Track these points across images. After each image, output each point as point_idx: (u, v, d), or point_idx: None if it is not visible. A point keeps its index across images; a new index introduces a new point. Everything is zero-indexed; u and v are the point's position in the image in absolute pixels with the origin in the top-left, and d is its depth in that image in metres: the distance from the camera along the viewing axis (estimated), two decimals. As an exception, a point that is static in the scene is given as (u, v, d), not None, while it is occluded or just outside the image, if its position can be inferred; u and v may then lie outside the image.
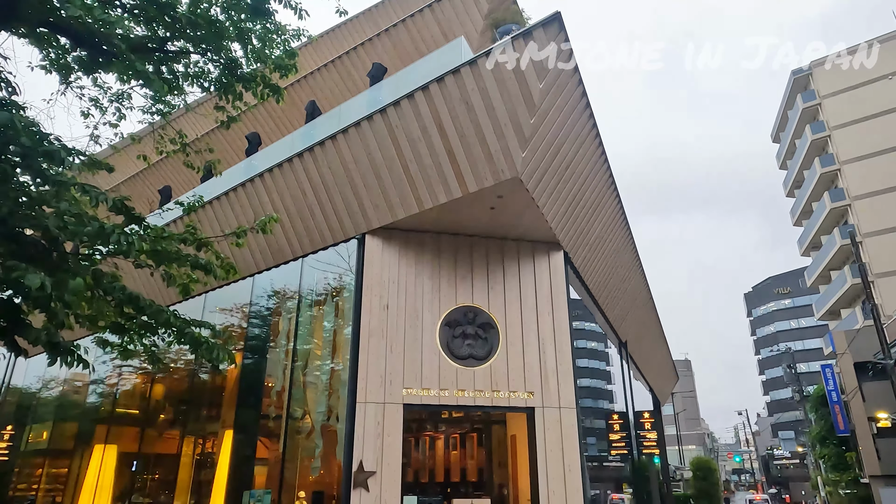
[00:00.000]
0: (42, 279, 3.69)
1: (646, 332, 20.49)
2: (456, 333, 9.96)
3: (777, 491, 62.24)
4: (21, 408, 19.73)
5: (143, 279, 13.15)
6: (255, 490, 10.59)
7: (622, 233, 13.70)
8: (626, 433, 16.59)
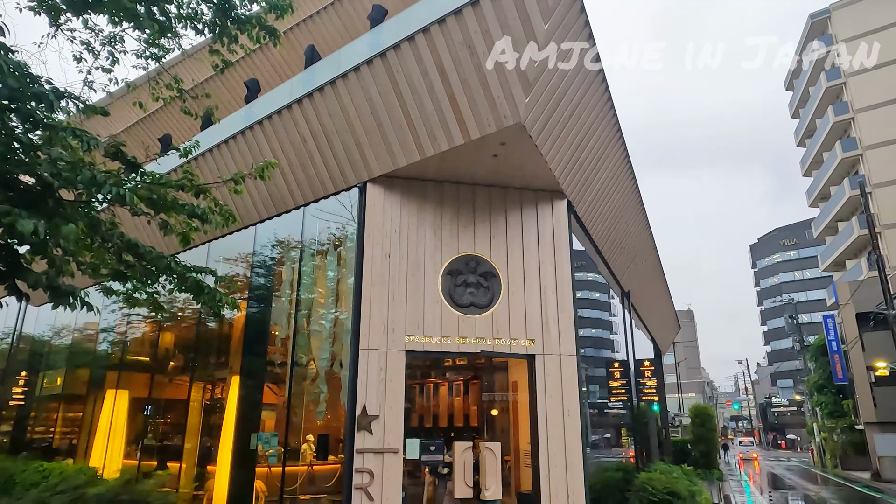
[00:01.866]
0: (35, 225, 3.67)
1: (649, 283, 20.54)
2: (458, 282, 10.00)
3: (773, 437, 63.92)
4: (34, 354, 20.21)
5: (144, 228, 13.17)
6: (262, 433, 10.91)
7: (627, 182, 13.51)
8: (627, 381, 16.87)
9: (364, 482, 8.75)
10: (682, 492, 12.32)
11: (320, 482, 10.92)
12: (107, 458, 14.47)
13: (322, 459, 11.39)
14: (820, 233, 43.46)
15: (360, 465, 8.82)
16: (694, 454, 26.23)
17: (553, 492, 9.29)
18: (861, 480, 26.25)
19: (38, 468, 13.64)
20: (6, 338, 21.29)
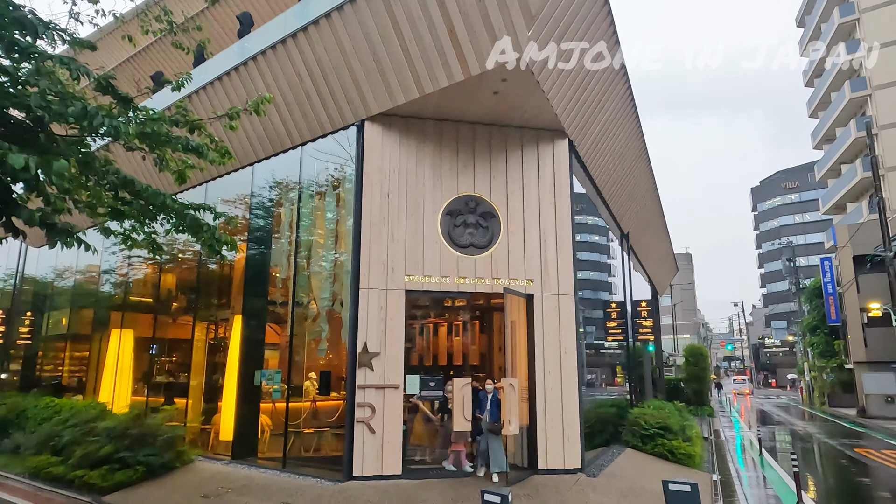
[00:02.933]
0: (26, 160, 3.60)
1: (648, 225, 20.53)
2: (457, 222, 9.97)
3: (764, 376, 65.65)
4: (38, 296, 20.43)
5: (141, 169, 13.02)
6: (266, 370, 11.16)
7: (630, 121, 13.25)
8: (624, 321, 17.13)
9: (366, 416, 9.02)
10: (673, 426, 12.75)
11: (323, 417, 11.26)
12: (115, 395, 14.87)
13: (325, 396, 11.71)
14: (823, 175, 43.11)
15: (361, 400, 9.06)
16: (686, 392, 26.98)
17: (549, 425, 9.59)
18: (847, 417, 27.12)
19: (48, 404, 14.03)
20: (9, 279, 21.47)
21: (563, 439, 9.59)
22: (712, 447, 15.50)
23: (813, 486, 11.34)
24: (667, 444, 12.16)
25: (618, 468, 10.45)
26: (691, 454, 12.04)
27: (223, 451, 11.25)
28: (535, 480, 9.04)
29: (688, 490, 5.75)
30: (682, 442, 12.30)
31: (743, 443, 17.91)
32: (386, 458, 8.96)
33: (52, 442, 10.94)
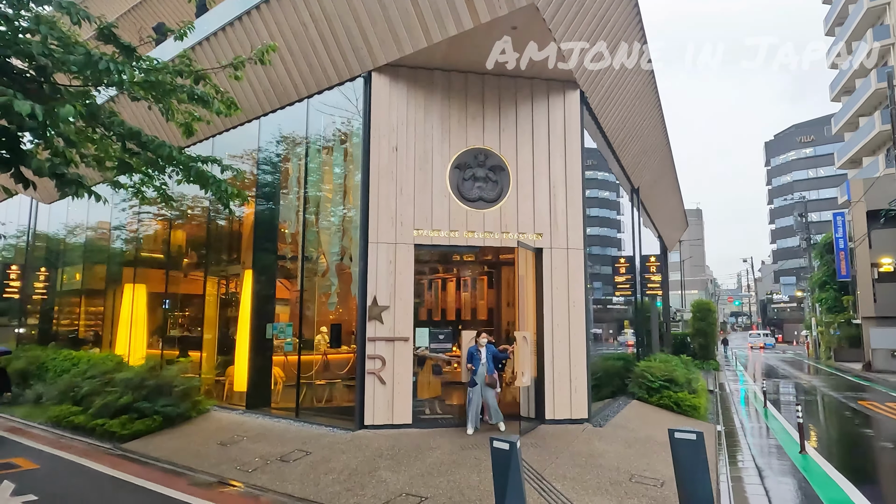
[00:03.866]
0: (32, 106, 3.56)
1: (659, 179, 20.27)
2: (466, 176, 9.88)
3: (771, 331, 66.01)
4: (51, 252, 20.66)
5: (147, 123, 12.91)
6: (277, 323, 11.32)
7: (643, 72, 12.89)
8: (632, 276, 17.14)
9: (376, 368, 9.18)
10: (679, 379, 12.91)
11: (335, 369, 11.48)
12: (130, 348, 15.19)
13: (335, 348, 11.90)
14: (839, 128, 42.15)
15: (372, 352, 9.21)
16: (693, 346, 27.21)
17: (557, 377, 9.73)
18: (852, 371, 27.34)
19: (67, 356, 14.40)
20: (22, 236, 21.69)
21: (570, 390, 9.73)
22: (717, 400, 15.73)
23: (815, 436, 11.53)
24: (672, 396, 12.33)
25: (623, 419, 10.64)
26: (696, 406, 12.22)
27: (238, 401, 11.54)
28: (542, 430, 9.24)
29: (693, 438, 5.83)
30: (687, 394, 12.47)
31: (747, 395, 18.15)
32: (396, 408, 9.16)
33: (72, 392, 11.27)
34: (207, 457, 8.42)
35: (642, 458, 8.14)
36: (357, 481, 7.02)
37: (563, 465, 7.56)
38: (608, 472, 7.36)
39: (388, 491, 6.68)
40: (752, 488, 7.44)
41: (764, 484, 7.66)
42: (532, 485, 6.67)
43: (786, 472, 8.46)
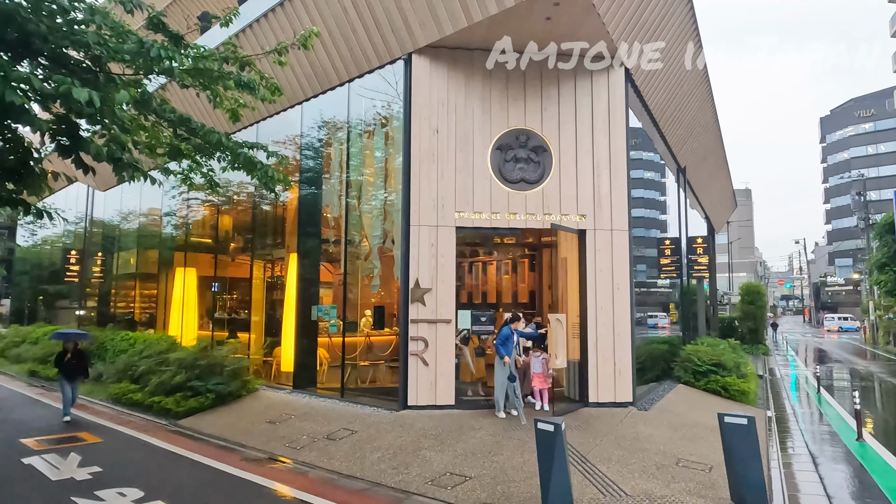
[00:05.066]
0: (90, 93, 3.69)
1: (707, 158, 19.62)
2: (507, 157, 9.78)
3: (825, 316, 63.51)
4: (107, 238, 21.57)
5: (195, 110, 13.23)
6: (322, 305, 11.55)
7: (691, 46, 12.41)
8: (678, 258, 16.71)
9: (419, 349, 9.27)
10: (727, 363, 12.59)
11: (377, 351, 11.66)
12: (183, 329, 15.77)
13: (378, 330, 12.08)
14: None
15: (414, 333, 9.29)
16: (741, 330, 26.46)
17: (601, 360, 9.62)
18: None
19: (124, 337, 15.07)
20: (80, 222, 22.70)
21: (614, 373, 9.62)
22: (767, 385, 15.29)
23: (872, 423, 11.08)
24: (720, 381, 12.05)
25: (669, 403, 10.47)
26: (745, 391, 11.91)
27: (285, 381, 11.87)
28: (585, 412, 9.18)
29: (744, 423, 5.69)
30: (736, 378, 12.16)
31: (798, 381, 17.57)
32: (439, 389, 9.25)
33: (130, 371, 11.82)
34: (257, 434, 8.71)
35: (689, 442, 8.00)
36: (402, 460, 7.14)
37: (608, 447, 7.50)
38: (654, 455, 7.27)
39: (432, 470, 6.77)
40: (805, 475, 7.22)
41: (818, 471, 7.43)
42: (576, 467, 6.65)
43: (841, 459, 8.17)
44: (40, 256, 27.06)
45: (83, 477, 6.63)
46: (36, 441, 8.42)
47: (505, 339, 9.06)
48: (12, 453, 7.72)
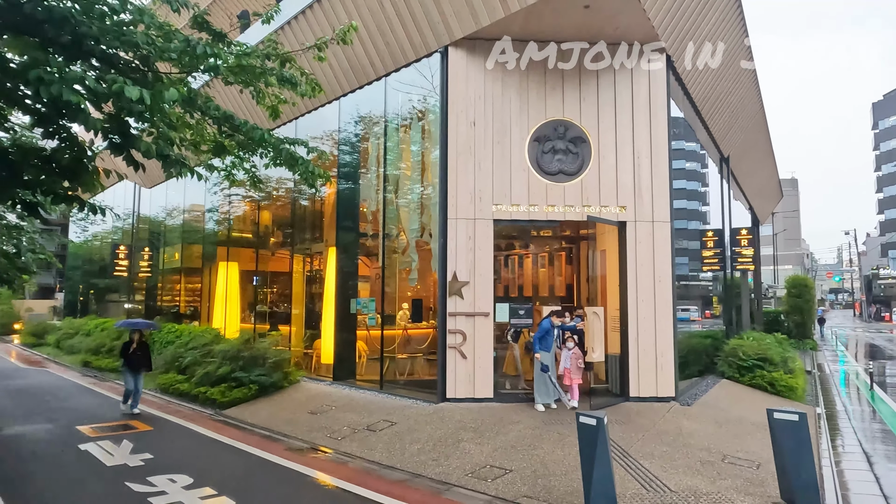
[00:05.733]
0: (140, 91, 3.81)
1: (751, 147, 19.00)
2: (545, 149, 9.67)
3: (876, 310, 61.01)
4: (153, 233, 22.30)
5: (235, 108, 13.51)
6: (361, 298, 11.68)
7: (736, 29, 12.00)
8: (721, 250, 16.27)
9: (457, 342, 9.28)
10: (773, 358, 12.20)
11: (415, 344, 11.74)
12: (226, 322, 16.20)
13: (416, 323, 12.16)
14: (962, 84, 37.74)
15: (452, 327, 9.31)
16: (787, 324, 25.61)
17: (641, 354, 9.45)
18: (974, 352, 24.81)
19: (170, 329, 15.55)
20: (127, 219, 23.51)
21: (655, 368, 9.44)
22: (815, 381, 14.77)
23: (932, 422, 10.59)
24: (766, 376, 11.69)
25: (713, 398, 10.23)
26: (793, 387, 11.53)
27: (325, 373, 12.07)
28: (626, 407, 9.04)
29: (795, 419, 5.51)
30: (783, 374, 11.78)
31: (849, 377, 16.92)
32: (477, 381, 9.25)
33: (177, 363, 12.21)
34: (299, 424, 8.88)
35: (735, 438, 7.80)
36: (442, 451, 7.17)
37: (650, 443, 7.38)
38: (698, 451, 7.11)
39: (472, 462, 6.78)
40: (860, 474, 6.96)
41: (873, 470, 7.14)
42: (618, 461, 6.56)
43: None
44: (90, 252, 28.17)
45: (136, 463, 6.89)
46: (91, 428, 8.78)
47: (545, 333, 9.04)
48: (70, 439, 8.07)
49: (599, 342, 9.12)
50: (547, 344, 9.02)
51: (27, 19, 4.19)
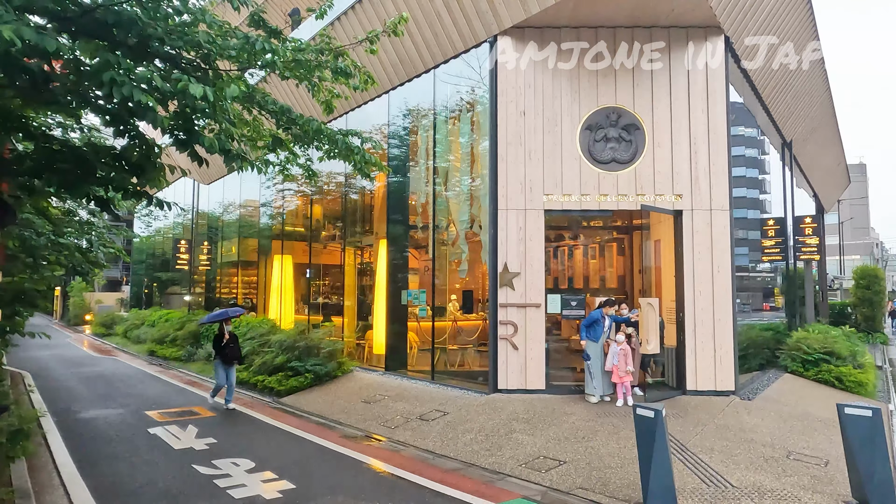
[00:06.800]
0: (204, 89, 3.94)
1: (816, 130, 18.04)
2: (597, 137, 9.48)
3: None
4: (211, 228, 23.15)
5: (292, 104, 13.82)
6: (411, 289, 11.80)
7: (801, 9, 11.41)
8: (783, 239, 15.58)
9: (508, 334, 9.26)
10: (841, 352, 11.63)
11: (465, 336, 11.78)
12: (281, 313, 16.68)
13: (466, 314, 12.19)
14: None
15: (504, 318, 9.29)
16: (855, 317, 24.34)
17: (699, 346, 9.18)
18: None
19: (229, 320, 16.13)
20: (188, 214, 24.48)
21: (714, 360, 9.16)
22: (887, 376, 14.01)
23: None
24: (833, 371, 11.16)
25: (775, 392, 9.84)
26: (863, 382, 10.96)
27: (377, 363, 12.27)
28: (683, 401, 8.81)
29: (869, 415, 5.24)
30: (852, 369, 11.21)
31: (926, 373, 15.93)
32: (529, 373, 9.21)
33: (235, 351, 12.64)
34: (353, 413, 9.07)
35: (800, 434, 7.49)
36: (494, 442, 7.19)
37: (709, 437, 7.17)
38: (760, 447, 6.87)
39: (525, 453, 6.77)
40: (939, 474, 6.55)
41: (954, 471, 6.72)
42: (675, 455, 6.41)
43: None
44: (154, 246, 29.51)
45: (201, 447, 7.20)
46: (158, 413, 9.23)
47: (592, 322, 8.91)
48: (140, 424, 8.51)
49: (655, 334, 8.91)
50: (595, 334, 8.88)
51: (97, 23, 4.40)
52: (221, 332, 9.82)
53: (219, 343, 9.76)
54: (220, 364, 9.71)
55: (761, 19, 10.16)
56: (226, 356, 9.66)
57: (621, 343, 8.62)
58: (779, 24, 10.82)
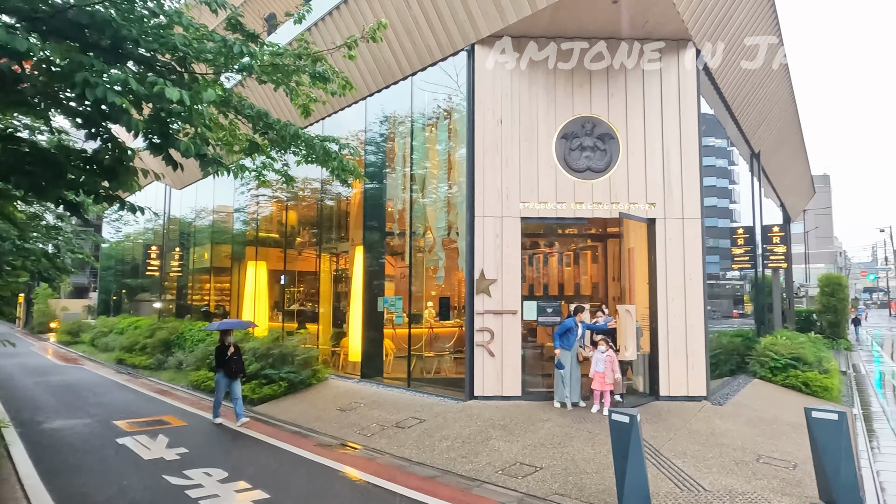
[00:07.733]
0: (180, 92, 3.89)
1: (783, 143, 18.59)
2: (573, 146, 9.61)
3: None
4: (183, 234, 22.75)
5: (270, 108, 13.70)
6: (387, 296, 11.75)
7: (767, 20, 11.73)
8: (751, 247, 15.98)
9: (485, 340, 9.28)
10: (807, 357, 11.94)
11: (442, 342, 11.77)
12: (254, 320, 16.43)
13: (442, 321, 12.18)
14: None
15: (480, 325, 9.32)
16: (820, 324, 25.03)
17: (672, 353, 9.34)
18: None
19: (201, 328, 15.85)
20: (159, 219, 24.01)
21: (686, 367, 9.32)
22: (851, 381, 14.41)
23: (976, 424, 10.24)
24: (800, 376, 11.44)
25: (745, 397, 10.05)
26: (828, 387, 11.26)
27: (352, 370, 12.17)
28: (656, 406, 8.94)
29: (834, 419, 5.38)
30: (817, 374, 11.52)
31: (885, 377, 16.45)
32: (505, 379, 9.24)
33: (208, 360, 12.41)
34: (329, 421, 8.98)
35: (769, 438, 7.66)
36: (471, 449, 7.18)
37: (682, 442, 7.29)
38: (732, 451, 7.00)
39: (501, 459, 6.78)
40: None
41: (915, 472, 6.94)
42: (650, 460, 6.49)
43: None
44: (123, 252, 28.85)
45: (172, 457, 7.05)
46: (127, 423, 9.00)
47: (566, 330, 8.96)
48: (108, 434, 8.29)
49: (632, 340, 9.03)
50: (569, 342, 8.94)
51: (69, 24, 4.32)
52: (223, 344, 9.18)
53: (222, 356, 9.07)
54: (222, 378, 9.06)
55: (731, 32, 10.45)
56: (230, 370, 9.02)
57: (606, 351, 8.57)
58: (747, 35, 11.13)
